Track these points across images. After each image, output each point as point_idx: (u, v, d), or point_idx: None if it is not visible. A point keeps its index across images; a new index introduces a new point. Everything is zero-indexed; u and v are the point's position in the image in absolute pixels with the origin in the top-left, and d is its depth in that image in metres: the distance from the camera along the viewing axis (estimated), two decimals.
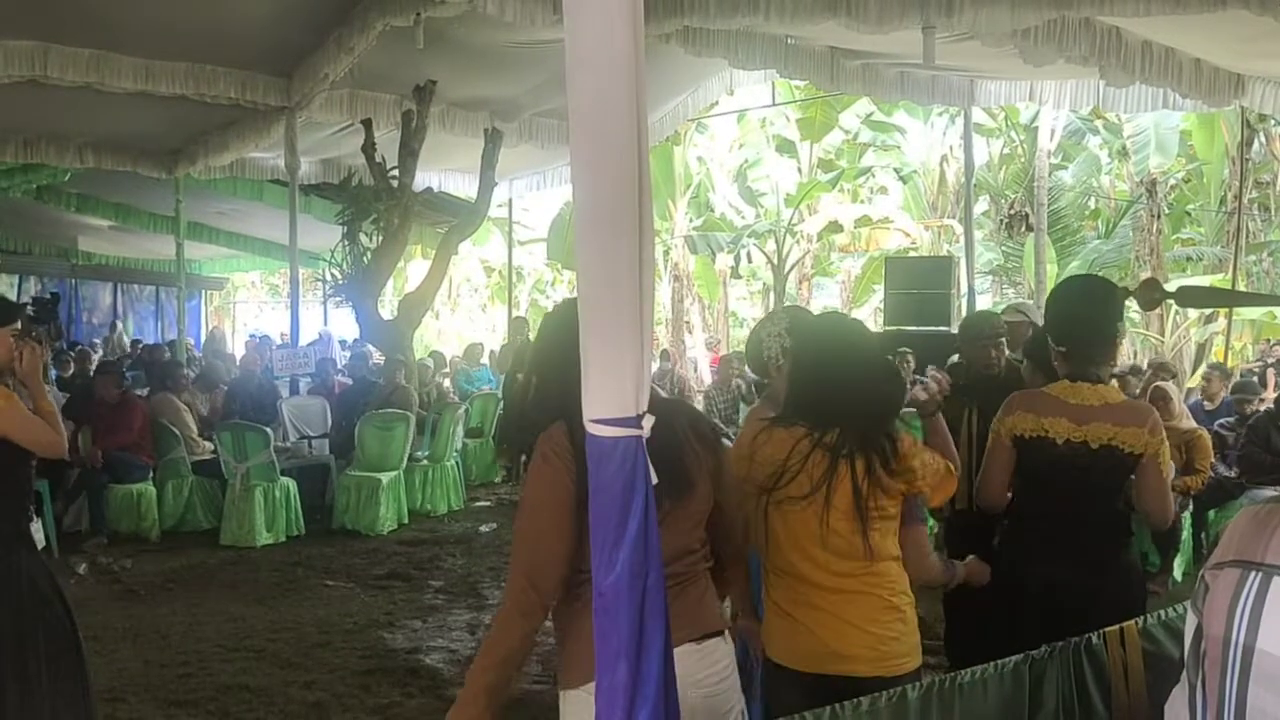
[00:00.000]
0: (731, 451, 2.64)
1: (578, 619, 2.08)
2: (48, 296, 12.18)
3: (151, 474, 8.04)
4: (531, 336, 11.90)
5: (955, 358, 4.94)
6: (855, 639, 2.47)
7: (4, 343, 3.16)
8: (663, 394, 2.28)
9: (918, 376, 3.23)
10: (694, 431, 2.29)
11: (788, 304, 19.32)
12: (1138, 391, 6.99)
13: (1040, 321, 5.33)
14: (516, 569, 2.09)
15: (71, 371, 11.55)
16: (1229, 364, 12.69)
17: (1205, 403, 8.42)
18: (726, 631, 2.27)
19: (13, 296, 13.30)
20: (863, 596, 2.49)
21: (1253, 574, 1.29)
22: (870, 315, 20.86)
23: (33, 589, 3.09)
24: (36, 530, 3.47)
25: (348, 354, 13.27)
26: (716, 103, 12.81)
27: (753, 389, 11.39)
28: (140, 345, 15.37)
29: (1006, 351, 4.61)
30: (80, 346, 13.89)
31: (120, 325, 18.03)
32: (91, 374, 9.87)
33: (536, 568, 2.07)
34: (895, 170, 21.17)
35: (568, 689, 2.18)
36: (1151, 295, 4.01)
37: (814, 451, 2.47)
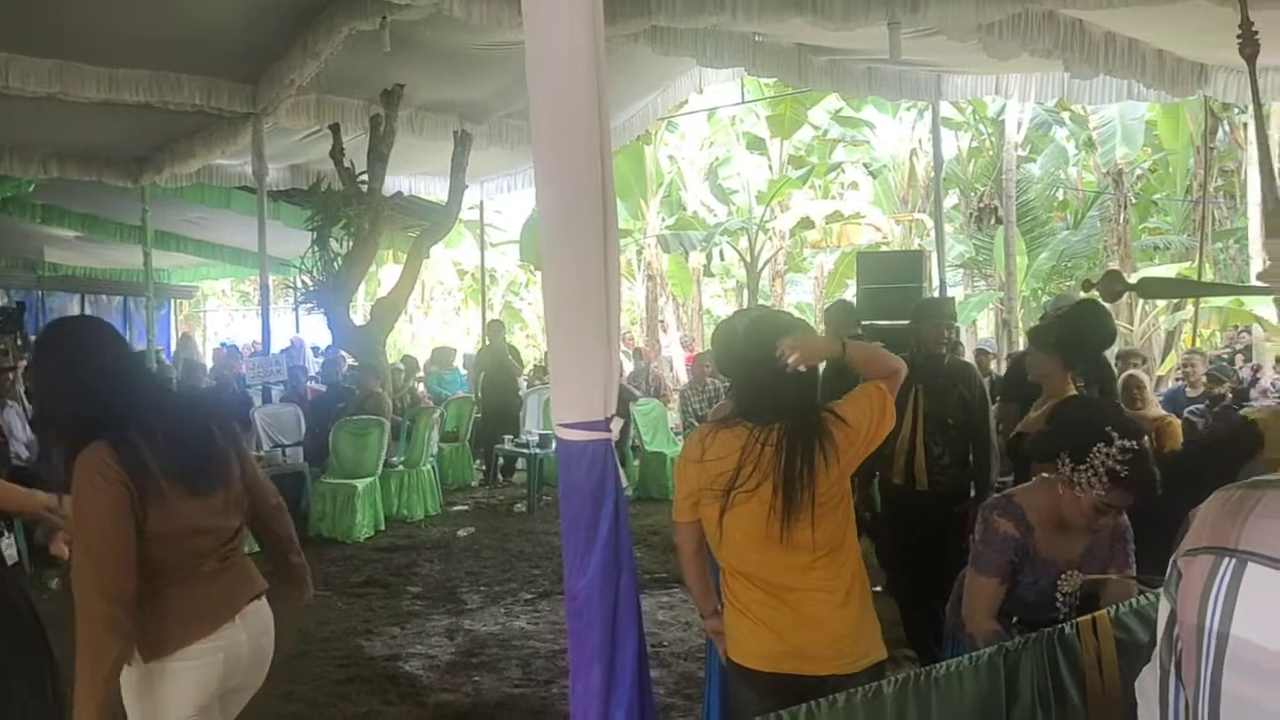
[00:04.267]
0: (681, 457, 2.65)
1: (159, 599, 2.31)
2: (13, 306, 12.02)
3: None
4: (517, 341, 11.91)
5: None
6: (814, 637, 2.49)
7: None
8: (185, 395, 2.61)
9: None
10: (221, 430, 2.52)
11: (759, 303, 19.40)
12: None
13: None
14: (92, 591, 2.21)
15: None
16: (1195, 347, 12.84)
17: (1188, 388, 8.49)
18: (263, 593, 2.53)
19: None
20: (819, 593, 2.50)
21: (1226, 560, 1.29)
22: None
23: (3, 602, 3.05)
24: (9, 546, 3.43)
25: (320, 360, 13.18)
26: (686, 101, 12.82)
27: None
28: None
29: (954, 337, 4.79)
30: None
31: None
32: None
33: (115, 584, 2.20)
34: (865, 165, 21.27)
35: (155, 660, 2.32)
36: (1113, 287, 4.07)
37: (761, 449, 2.48)
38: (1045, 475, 2.86)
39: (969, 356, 9.30)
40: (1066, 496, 2.75)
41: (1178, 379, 8.78)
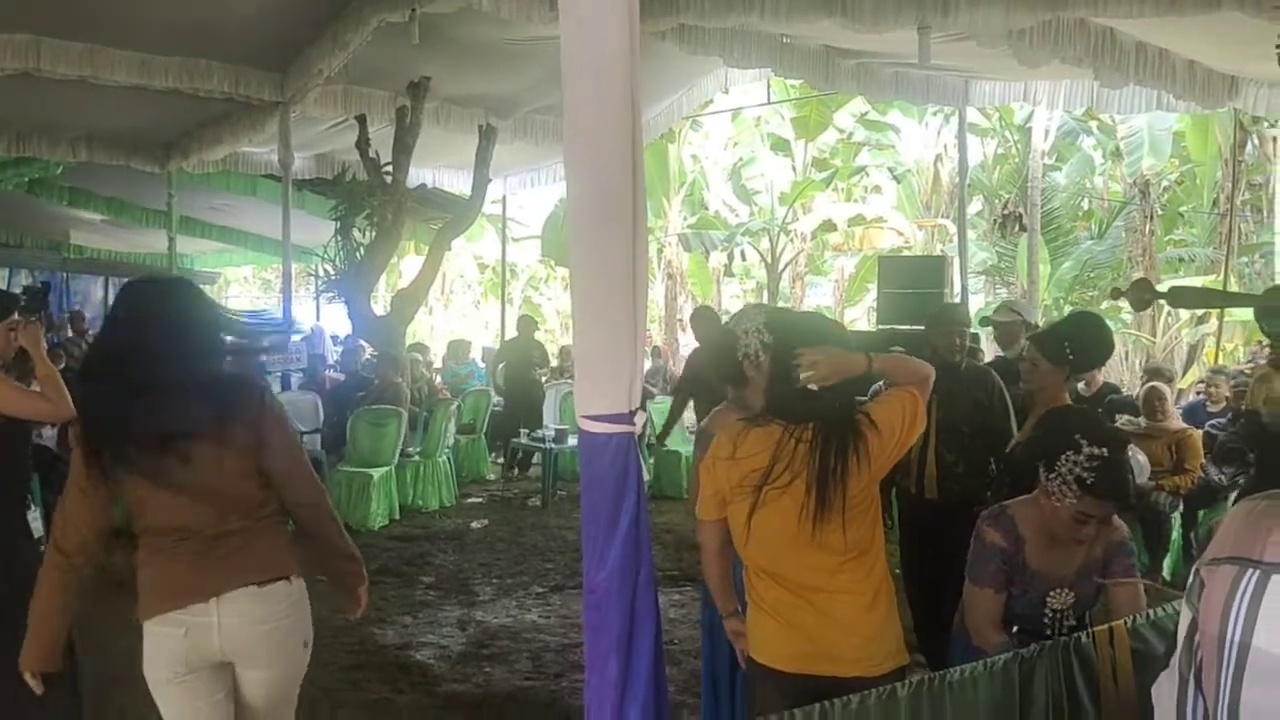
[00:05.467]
0: (708, 455, 2.63)
1: (141, 566, 2.55)
2: (39, 286, 12.11)
3: None
4: (537, 335, 11.96)
5: None
6: (841, 639, 2.47)
7: (2, 335, 3.16)
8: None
9: None
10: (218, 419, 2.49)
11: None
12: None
13: (1032, 320, 5.40)
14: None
15: (63, 365, 11.48)
16: (1220, 364, 12.74)
17: (1209, 403, 8.42)
18: (291, 576, 2.56)
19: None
20: (847, 595, 2.49)
21: (1249, 571, 1.29)
22: (863, 314, 20.88)
23: (27, 575, 3.09)
24: (35, 519, 3.48)
25: (339, 349, 13.22)
26: (711, 101, 12.82)
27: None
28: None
29: (969, 344, 4.74)
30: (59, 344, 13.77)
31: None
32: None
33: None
34: (889, 169, 21.20)
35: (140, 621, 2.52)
36: (1142, 296, 4.05)
37: (795, 447, 2.47)
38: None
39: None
40: (1047, 507, 2.75)
41: (1199, 393, 8.70)
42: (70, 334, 13.72)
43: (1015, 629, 2.85)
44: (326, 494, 2.71)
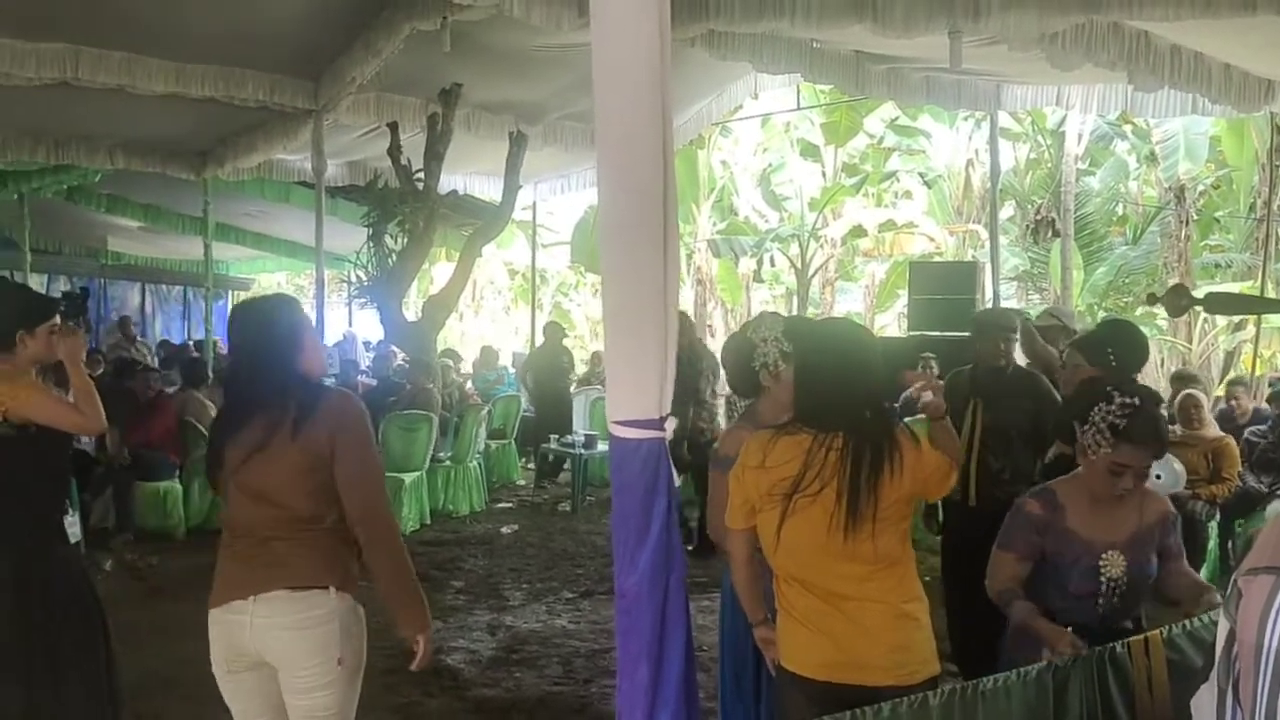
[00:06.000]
0: (738, 464, 2.64)
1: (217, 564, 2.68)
2: (78, 292, 12.29)
3: (179, 472, 8.11)
4: (566, 341, 11.99)
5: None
6: (870, 647, 2.46)
7: (42, 339, 3.20)
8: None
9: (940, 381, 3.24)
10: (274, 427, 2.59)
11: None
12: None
13: (1073, 326, 5.36)
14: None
15: (101, 370, 11.64)
16: (1258, 372, 12.57)
17: (1239, 416, 8.32)
18: (333, 588, 2.61)
19: None
20: (877, 604, 2.48)
21: None
22: (894, 320, 20.77)
23: (66, 580, 3.13)
24: (73, 524, 3.52)
25: (371, 355, 13.30)
26: (740, 106, 12.78)
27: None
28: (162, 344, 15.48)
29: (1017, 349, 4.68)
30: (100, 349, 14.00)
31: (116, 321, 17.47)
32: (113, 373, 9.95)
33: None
34: (920, 175, 21.07)
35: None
36: (1179, 302, 4.02)
37: (826, 455, 2.47)
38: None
39: None
40: (1085, 466, 2.80)
41: (1234, 407, 8.59)
42: (120, 338, 13.96)
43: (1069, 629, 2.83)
44: (387, 524, 2.71)
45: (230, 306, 22.23)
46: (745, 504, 2.60)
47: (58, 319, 3.25)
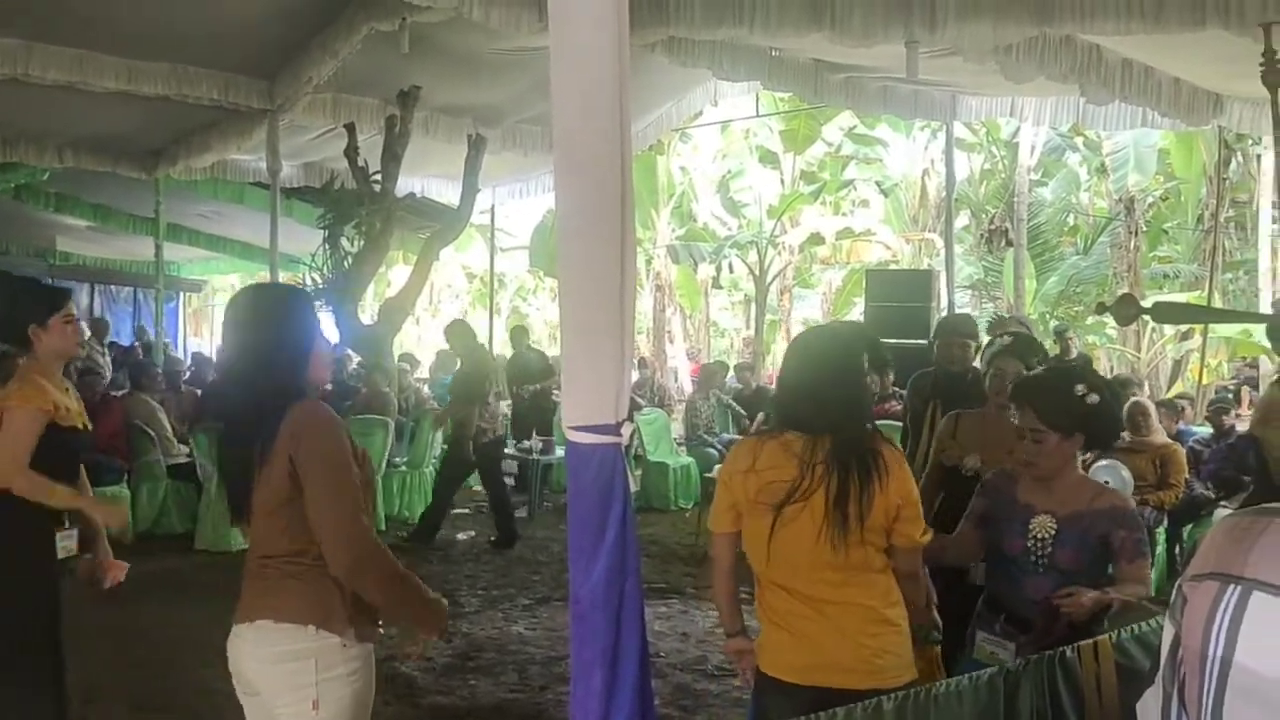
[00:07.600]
0: (725, 468, 2.64)
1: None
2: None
3: (126, 476, 7.97)
4: (530, 345, 11.90)
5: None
6: (849, 651, 2.47)
7: (58, 330, 3.11)
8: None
9: (896, 389, 3.31)
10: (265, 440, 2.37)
11: (768, 318, 19.33)
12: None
13: (1034, 334, 5.44)
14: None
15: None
16: (1204, 380, 12.83)
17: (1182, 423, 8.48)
18: (314, 626, 2.36)
19: None
20: (856, 608, 2.49)
21: (1231, 587, 1.29)
22: None
23: (44, 596, 3.09)
24: (70, 538, 3.44)
25: None
26: (700, 113, 12.83)
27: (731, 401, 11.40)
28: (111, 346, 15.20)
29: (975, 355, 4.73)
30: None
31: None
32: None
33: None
34: (877, 183, 21.31)
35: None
36: (1128, 311, 4.07)
37: (814, 459, 2.48)
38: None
39: None
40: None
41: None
42: (93, 341, 13.66)
43: (1003, 616, 2.89)
44: (369, 555, 2.42)
45: (181, 308, 21.96)
46: (731, 508, 2.60)
47: (71, 308, 3.17)
